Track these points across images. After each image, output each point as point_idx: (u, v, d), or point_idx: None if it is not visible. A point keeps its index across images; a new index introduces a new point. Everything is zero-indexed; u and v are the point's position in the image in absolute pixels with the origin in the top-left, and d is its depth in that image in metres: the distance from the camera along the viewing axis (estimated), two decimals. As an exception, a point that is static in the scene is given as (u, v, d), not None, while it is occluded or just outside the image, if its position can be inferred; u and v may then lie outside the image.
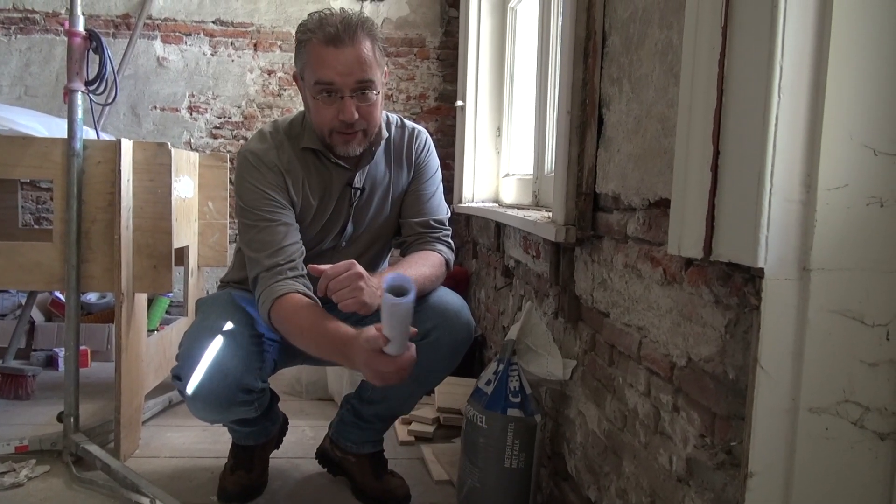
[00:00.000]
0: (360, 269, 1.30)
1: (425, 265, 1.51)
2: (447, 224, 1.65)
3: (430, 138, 1.66)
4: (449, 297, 1.56)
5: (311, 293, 1.42)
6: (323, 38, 1.36)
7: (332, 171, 1.53)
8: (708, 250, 0.83)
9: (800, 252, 0.74)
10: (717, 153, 0.82)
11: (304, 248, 1.50)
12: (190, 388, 1.39)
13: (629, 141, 1.24)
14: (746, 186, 0.76)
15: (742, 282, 0.83)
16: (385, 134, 1.55)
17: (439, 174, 1.67)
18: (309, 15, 1.42)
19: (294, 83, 1.52)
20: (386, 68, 1.48)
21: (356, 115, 1.40)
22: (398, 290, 1.14)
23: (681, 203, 0.88)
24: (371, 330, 1.20)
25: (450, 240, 1.64)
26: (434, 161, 1.65)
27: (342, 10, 1.43)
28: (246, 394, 1.41)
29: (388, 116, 1.60)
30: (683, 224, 0.87)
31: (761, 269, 0.75)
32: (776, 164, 0.73)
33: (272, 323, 1.41)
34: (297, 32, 1.43)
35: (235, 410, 1.45)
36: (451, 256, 1.62)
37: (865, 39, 0.72)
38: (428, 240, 1.60)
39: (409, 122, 1.65)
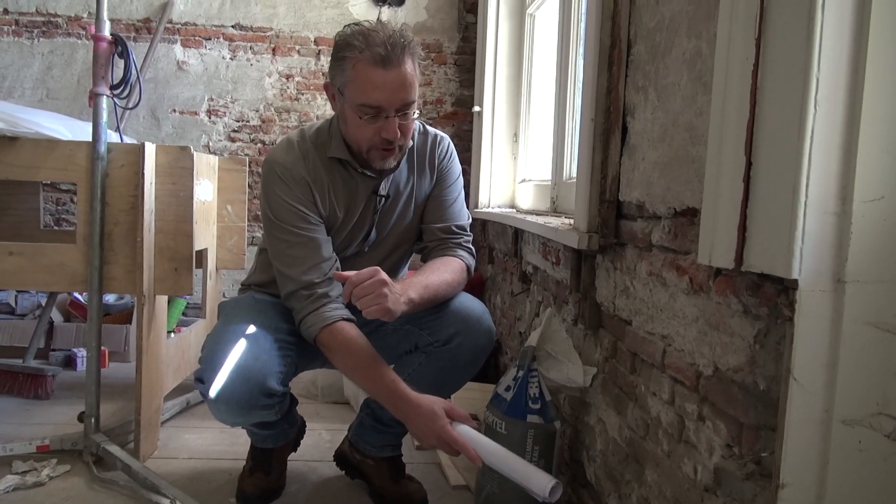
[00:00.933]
0: (384, 275, 1.31)
1: (447, 271, 1.52)
2: (468, 230, 1.66)
3: (451, 144, 1.66)
4: (470, 304, 1.56)
5: (354, 317, 1.45)
6: (371, 58, 1.34)
7: (357, 180, 1.54)
8: (739, 261, 0.84)
9: (835, 264, 0.74)
10: (749, 164, 0.82)
11: (337, 260, 1.51)
12: (213, 391, 1.40)
13: (654, 149, 1.24)
14: (781, 198, 0.76)
15: (774, 292, 0.83)
16: (409, 142, 1.56)
17: (461, 180, 1.68)
18: (349, 28, 1.40)
19: (324, 91, 1.52)
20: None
21: (399, 134, 1.41)
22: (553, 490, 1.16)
23: (712, 213, 0.88)
24: (467, 430, 1.28)
25: (471, 245, 1.65)
26: (456, 167, 1.66)
27: (380, 23, 1.41)
28: (268, 398, 1.42)
29: None
30: (714, 234, 0.88)
31: (795, 281, 0.75)
32: (812, 176, 0.73)
33: (319, 347, 1.45)
34: (339, 46, 1.40)
35: (257, 414, 1.46)
36: (472, 262, 1.63)
37: (903, 52, 0.72)
38: (449, 245, 1.60)
39: (431, 129, 1.65)
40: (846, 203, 0.73)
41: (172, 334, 2.82)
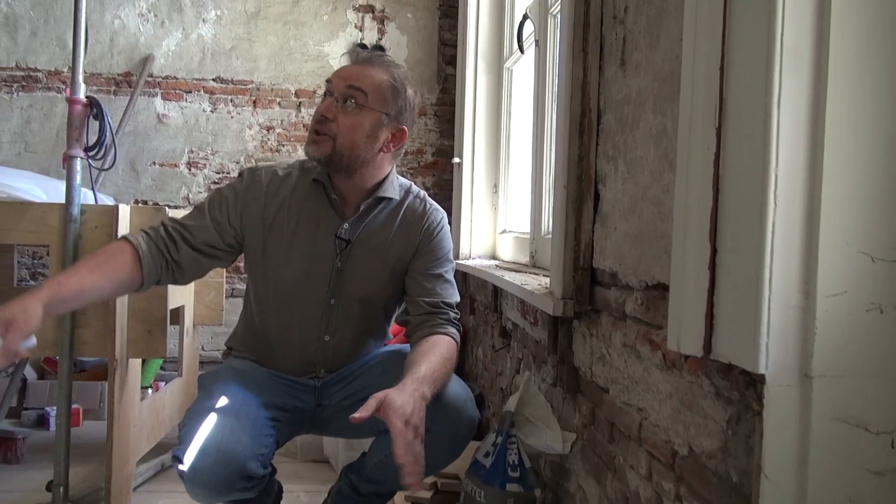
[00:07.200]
0: (415, 420, 1.25)
1: (446, 358, 1.44)
2: (456, 308, 1.59)
3: (446, 220, 1.63)
4: (454, 390, 1.48)
5: (144, 249, 1.41)
6: (348, 55, 1.50)
7: (326, 210, 1.52)
8: (707, 349, 0.83)
9: (800, 358, 0.73)
10: (714, 251, 0.82)
11: (199, 259, 1.49)
12: (190, 472, 1.35)
13: (625, 220, 1.24)
14: (745, 290, 0.76)
15: (743, 383, 0.82)
16: (394, 196, 1.53)
17: (452, 259, 1.63)
18: None
19: None
20: (401, 125, 1.49)
21: (330, 113, 1.43)
22: None
23: (679, 299, 0.88)
24: None
25: (458, 322, 1.58)
26: (448, 242, 1.62)
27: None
28: (247, 481, 1.37)
29: (411, 185, 1.62)
30: (682, 320, 0.87)
31: (762, 375, 0.74)
32: (774, 270, 0.73)
33: None
34: None
35: (235, 495, 1.41)
36: (459, 340, 1.58)
37: (859, 147, 0.72)
38: (439, 322, 1.52)
39: (431, 200, 1.63)
40: (809, 297, 0.73)
41: (150, 390, 2.77)
